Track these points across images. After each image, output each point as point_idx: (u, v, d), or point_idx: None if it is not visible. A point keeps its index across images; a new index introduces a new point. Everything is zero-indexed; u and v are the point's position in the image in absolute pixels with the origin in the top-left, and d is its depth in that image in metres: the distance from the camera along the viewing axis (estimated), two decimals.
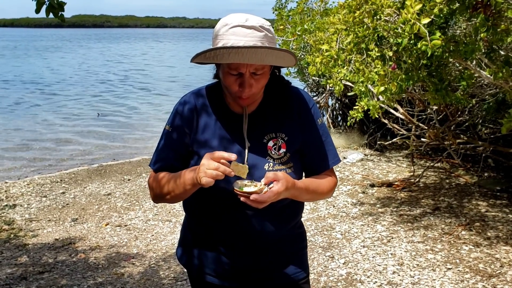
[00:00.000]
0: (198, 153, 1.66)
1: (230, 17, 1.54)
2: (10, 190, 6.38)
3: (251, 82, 1.55)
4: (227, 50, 1.46)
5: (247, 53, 1.46)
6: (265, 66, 1.56)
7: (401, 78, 3.73)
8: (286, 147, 1.65)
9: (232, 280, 1.74)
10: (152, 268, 4.05)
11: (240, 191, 1.45)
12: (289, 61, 1.57)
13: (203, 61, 1.56)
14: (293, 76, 8.41)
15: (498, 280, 3.54)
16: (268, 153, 1.63)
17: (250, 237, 1.66)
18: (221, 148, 1.62)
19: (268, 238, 1.68)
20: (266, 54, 1.48)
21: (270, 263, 1.72)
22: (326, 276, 3.73)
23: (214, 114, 1.68)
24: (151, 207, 5.55)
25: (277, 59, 1.53)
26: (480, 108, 5.07)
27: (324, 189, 1.70)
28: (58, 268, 4.08)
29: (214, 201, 1.65)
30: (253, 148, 1.63)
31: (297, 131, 1.68)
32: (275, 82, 1.72)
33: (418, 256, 3.95)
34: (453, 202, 5.04)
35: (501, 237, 4.20)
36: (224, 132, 1.66)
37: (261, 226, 1.66)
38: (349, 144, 7.65)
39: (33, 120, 12.10)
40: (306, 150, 1.70)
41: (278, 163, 1.63)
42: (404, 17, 3.01)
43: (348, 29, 3.80)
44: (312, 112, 1.71)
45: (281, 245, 1.73)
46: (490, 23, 2.92)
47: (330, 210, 5.07)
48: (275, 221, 1.68)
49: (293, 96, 1.72)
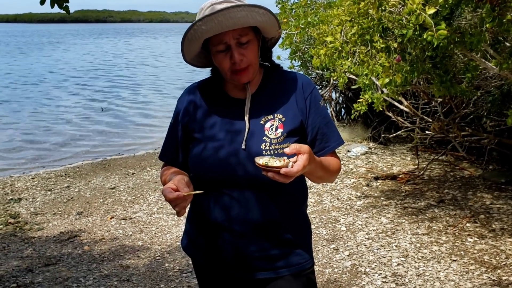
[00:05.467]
0: (200, 140, 1.69)
1: (205, 2, 1.61)
2: (16, 184, 6.41)
3: (240, 51, 1.59)
4: (204, 24, 1.51)
5: (222, 19, 1.50)
6: (248, 32, 1.60)
7: (406, 69, 3.71)
8: (284, 127, 1.66)
9: (237, 269, 1.72)
10: (157, 260, 4.06)
11: (267, 167, 1.42)
12: (270, 22, 1.61)
13: (198, 59, 1.68)
14: (297, 69, 8.39)
15: (503, 272, 3.54)
16: (265, 134, 1.65)
17: (251, 221, 1.65)
18: (223, 135, 1.66)
19: (271, 223, 1.67)
20: (241, 16, 1.52)
21: (273, 250, 1.71)
22: (330, 268, 3.74)
23: (214, 103, 1.72)
24: (156, 200, 5.57)
25: (254, 20, 1.57)
26: (485, 100, 5.05)
27: (334, 168, 1.71)
28: (63, 261, 4.10)
29: (218, 187, 1.65)
30: (252, 130, 1.65)
31: (296, 112, 1.69)
32: (271, 66, 1.76)
33: (423, 248, 3.95)
34: (457, 195, 5.03)
35: (506, 229, 4.20)
36: (225, 118, 1.69)
37: (267, 211, 1.65)
38: (353, 137, 7.63)
39: (37, 115, 12.12)
40: (311, 132, 1.71)
41: (275, 143, 1.63)
42: (409, 8, 2.99)
43: (352, 20, 3.78)
44: (314, 94, 1.72)
45: (286, 232, 1.72)
46: (496, 13, 2.90)
47: (335, 203, 5.07)
48: (279, 204, 1.68)
49: (291, 79, 1.74)
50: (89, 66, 24.64)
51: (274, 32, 1.69)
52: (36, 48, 38.91)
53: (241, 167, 1.62)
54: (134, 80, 19.20)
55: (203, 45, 1.64)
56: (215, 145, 1.66)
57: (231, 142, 1.65)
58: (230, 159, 1.63)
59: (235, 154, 1.63)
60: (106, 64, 26.07)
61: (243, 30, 1.58)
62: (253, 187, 1.63)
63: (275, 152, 1.61)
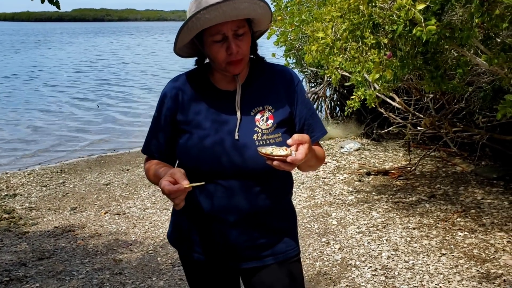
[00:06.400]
0: (189, 131, 1.70)
1: None
2: (11, 181, 6.42)
3: (237, 42, 1.61)
4: (208, 12, 1.52)
5: (227, 8, 1.52)
6: (245, 24, 1.62)
7: (396, 65, 3.75)
8: (274, 118, 1.69)
9: (222, 258, 1.75)
10: (150, 254, 4.09)
11: (273, 156, 1.46)
12: (267, 15, 1.65)
13: (185, 49, 1.68)
14: (292, 67, 8.42)
15: (492, 265, 3.58)
16: (256, 125, 1.68)
17: (241, 211, 1.68)
18: (213, 125, 1.67)
19: (260, 212, 1.70)
20: (244, 7, 1.55)
21: (261, 239, 1.73)
22: (321, 261, 3.77)
23: (201, 94, 1.73)
24: (149, 196, 5.59)
25: (255, 12, 1.60)
26: (476, 96, 5.09)
27: (321, 157, 1.76)
28: (57, 255, 4.12)
29: (205, 177, 1.66)
30: (242, 121, 1.68)
31: (284, 103, 1.72)
32: (255, 59, 1.79)
33: (413, 242, 3.99)
34: (449, 190, 5.07)
35: (496, 223, 4.24)
36: (213, 110, 1.70)
37: (253, 198, 1.68)
38: (347, 134, 7.67)
39: (33, 112, 12.12)
40: (298, 123, 1.75)
41: (266, 133, 1.66)
42: (399, 3, 3.02)
43: (343, 16, 3.81)
44: (300, 87, 1.77)
45: (272, 220, 1.75)
46: (485, 8, 2.93)
47: (327, 198, 5.11)
48: (268, 193, 1.70)
49: (279, 72, 1.78)
50: (83, 64, 24.58)
51: (265, 26, 1.72)
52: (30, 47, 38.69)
53: (235, 157, 1.64)
54: (128, 78, 19.18)
55: (195, 35, 1.66)
56: (206, 136, 1.67)
57: (223, 133, 1.67)
58: (222, 149, 1.65)
59: (228, 144, 1.65)
60: (99, 62, 25.98)
61: (241, 22, 1.61)
62: (245, 177, 1.66)
63: (266, 142, 1.64)
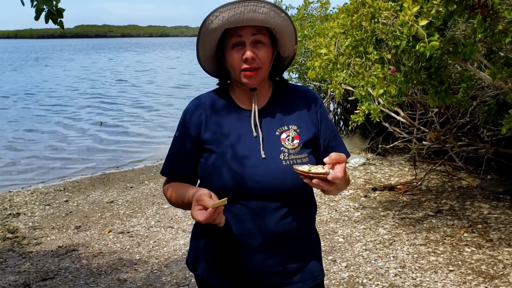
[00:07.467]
0: (212, 151, 1.66)
1: None
2: (14, 199, 6.41)
3: (253, 49, 1.59)
4: (225, 11, 1.54)
5: (244, 10, 1.53)
6: (265, 33, 1.62)
7: (400, 80, 3.74)
8: (299, 138, 1.67)
9: (254, 285, 1.67)
10: (154, 273, 4.05)
11: (313, 174, 1.43)
12: (288, 29, 1.64)
13: (209, 63, 1.70)
14: (295, 81, 8.43)
15: (501, 282, 3.53)
16: (282, 144, 1.65)
17: (273, 235, 1.62)
18: (237, 144, 1.65)
19: (291, 236, 1.65)
20: (262, 12, 1.55)
21: (292, 264, 1.67)
22: (328, 280, 3.72)
23: (223, 113, 1.70)
24: (153, 214, 5.56)
25: (274, 21, 1.59)
26: (481, 110, 5.07)
27: (348, 179, 1.70)
28: (61, 275, 4.09)
29: (233, 198, 1.59)
30: (267, 140, 1.65)
31: (309, 124, 1.71)
32: (279, 81, 1.78)
33: (420, 259, 3.94)
34: (455, 205, 5.03)
35: (503, 238, 4.19)
36: (236, 129, 1.67)
37: (284, 222, 1.63)
38: (351, 148, 7.64)
39: (36, 131, 12.15)
40: (323, 144, 1.73)
41: (293, 153, 1.63)
42: (401, 19, 3.02)
43: (346, 32, 3.82)
44: (323, 108, 1.76)
45: (302, 244, 1.70)
46: (488, 24, 2.93)
47: (332, 214, 5.07)
48: (294, 215, 1.65)
49: (302, 93, 1.77)
50: (86, 82, 24.66)
51: (290, 47, 1.70)
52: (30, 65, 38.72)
53: (261, 177, 1.60)
54: (132, 95, 19.24)
55: (219, 47, 1.66)
56: (230, 155, 1.63)
57: (248, 152, 1.63)
58: (248, 169, 1.60)
59: (254, 164, 1.61)
60: (101, 79, 26.06)
61: (260, 29, 1.60)
62: (270, 198, 1.60)
63: (293, 162, 1.61)
